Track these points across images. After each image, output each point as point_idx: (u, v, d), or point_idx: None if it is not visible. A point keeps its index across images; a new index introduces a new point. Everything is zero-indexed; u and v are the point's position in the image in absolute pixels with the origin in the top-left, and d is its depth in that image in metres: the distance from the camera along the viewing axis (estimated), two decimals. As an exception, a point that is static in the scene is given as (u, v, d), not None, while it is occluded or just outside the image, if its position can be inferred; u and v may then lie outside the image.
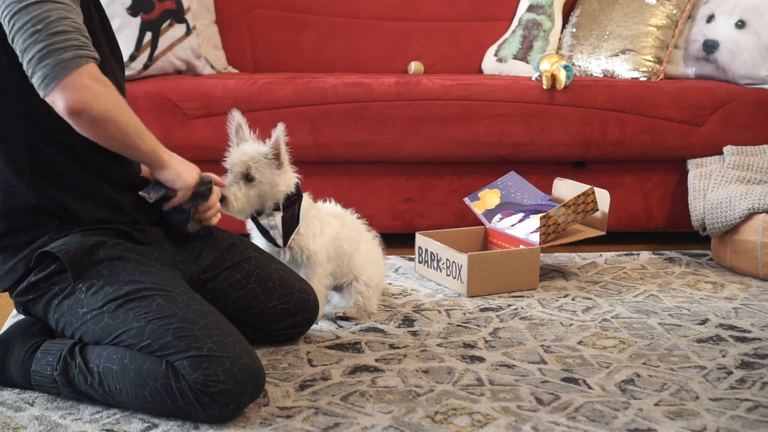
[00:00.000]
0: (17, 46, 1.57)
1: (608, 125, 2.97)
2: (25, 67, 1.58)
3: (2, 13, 1.57)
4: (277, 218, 2.06)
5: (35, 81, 1.57)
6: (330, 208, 2.25)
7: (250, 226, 2.17)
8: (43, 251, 1.70)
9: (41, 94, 1.57)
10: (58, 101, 1.56)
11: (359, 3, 3.54)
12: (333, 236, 2.16)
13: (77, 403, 1.71)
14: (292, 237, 2.08)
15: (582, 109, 2.96)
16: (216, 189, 1.89)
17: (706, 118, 3.02)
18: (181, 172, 1.78)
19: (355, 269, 2.23)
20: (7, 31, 1.58)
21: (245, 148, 2.03)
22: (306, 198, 2.14)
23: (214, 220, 1.91)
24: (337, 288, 2.27)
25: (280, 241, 2.10)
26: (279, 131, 2.00)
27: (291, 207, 2.07)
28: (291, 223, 2.07)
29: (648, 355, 2.01)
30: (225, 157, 2.06)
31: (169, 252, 1.87)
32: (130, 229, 1.79)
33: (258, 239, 2.14)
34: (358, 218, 2.30)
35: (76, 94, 1.55)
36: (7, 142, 1.70)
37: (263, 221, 2.08)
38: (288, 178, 2.06)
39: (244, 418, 1.65)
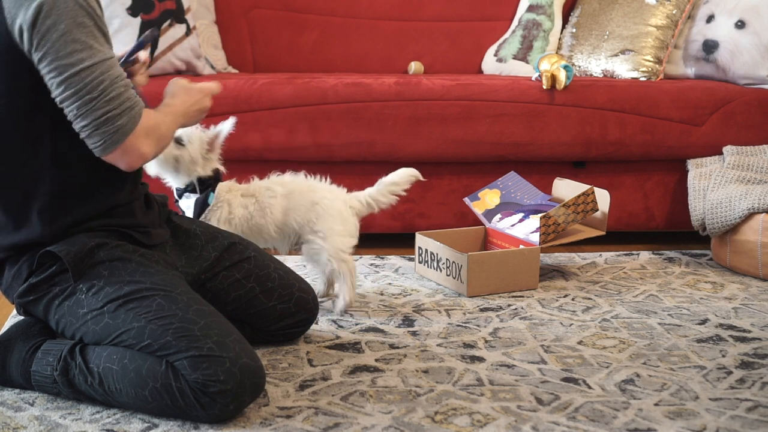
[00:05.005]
0: (69, 110, 1.61)
1: (608, 125, 2.97)
2: (78, 129, 1.63)
3: (49, 73, 1.59)
4: (192, 200, 2.26)
5: (92, 143, 1.64)
6: (280, 179, 2.34)
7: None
8: (45, 251, 1.70)
9: (98, 154, 1.65)
10: (119, 162, 1.67)
11: (359, 3, 3.54)
12: (245, 217, 2.27)
13: (77, 403, 1.71)
14: (203, 217, 2.25)
15: (582, 109, 2.95)
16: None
17: (706, 118, 3.02)
18: (189, 103, 1.86)
19: (310, 224, 2.26)
20: (56, 93, 1.60)
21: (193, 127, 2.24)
22: (228, 184, 2.29)
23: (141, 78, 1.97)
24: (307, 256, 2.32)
25: None
26: (224, 125, 2.24)
27: (205, 191, 2.26)
28: (202, 205, 2.26)
29: (648, 355, 2.01)
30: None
31: (171, 255, 1.88)
32: (132, 231, 1.79)
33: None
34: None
35: (135, 155, 1.68)
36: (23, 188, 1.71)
37: (182, 202, 2.28)
38: (208, 165, 2.25)
39: (244, 418, 1.65)
